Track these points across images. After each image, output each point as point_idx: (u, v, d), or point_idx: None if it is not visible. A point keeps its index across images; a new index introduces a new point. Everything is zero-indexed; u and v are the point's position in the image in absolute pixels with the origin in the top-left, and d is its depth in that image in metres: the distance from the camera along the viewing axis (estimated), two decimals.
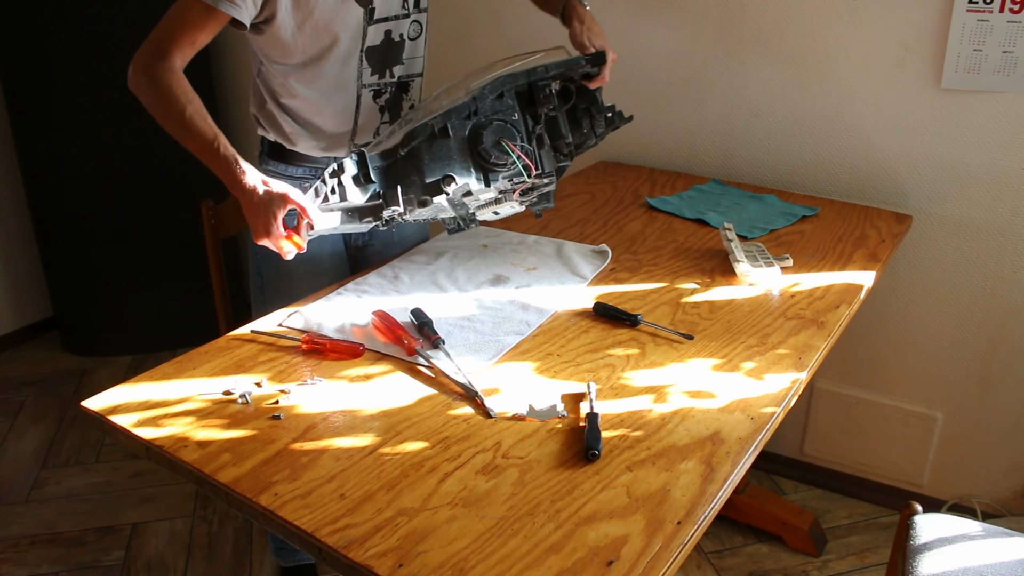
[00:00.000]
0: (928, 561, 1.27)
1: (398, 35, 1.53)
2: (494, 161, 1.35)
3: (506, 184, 1.39)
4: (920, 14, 1.79)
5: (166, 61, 1.31)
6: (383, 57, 1.53)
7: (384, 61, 1.53)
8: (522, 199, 1.45)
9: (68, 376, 2.88)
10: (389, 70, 1.55)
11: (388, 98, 1.58)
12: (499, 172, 1.37)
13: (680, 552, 0.85)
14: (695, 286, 1.46)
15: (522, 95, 1.40)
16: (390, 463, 0.98)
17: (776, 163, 2.06)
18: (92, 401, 1.12)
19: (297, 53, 1.45)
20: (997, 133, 1.79)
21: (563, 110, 1.45)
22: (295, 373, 1.18)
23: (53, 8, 2.51)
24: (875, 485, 2.18)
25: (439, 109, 1.36)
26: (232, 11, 1.31)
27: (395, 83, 1.57)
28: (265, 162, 1.61)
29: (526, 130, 1.40)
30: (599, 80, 1.47)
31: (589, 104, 1.49)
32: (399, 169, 1.34)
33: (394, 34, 1.52)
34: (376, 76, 1.54)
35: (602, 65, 1.46)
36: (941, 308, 1.98)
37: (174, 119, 1.30)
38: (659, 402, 1.11)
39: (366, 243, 1.70)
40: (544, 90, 1.38)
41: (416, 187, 1.34)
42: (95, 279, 2.88)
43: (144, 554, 2.06)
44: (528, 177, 1.38)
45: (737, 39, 2.01)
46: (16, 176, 2.90)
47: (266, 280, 1.61)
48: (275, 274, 1.59)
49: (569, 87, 1.47)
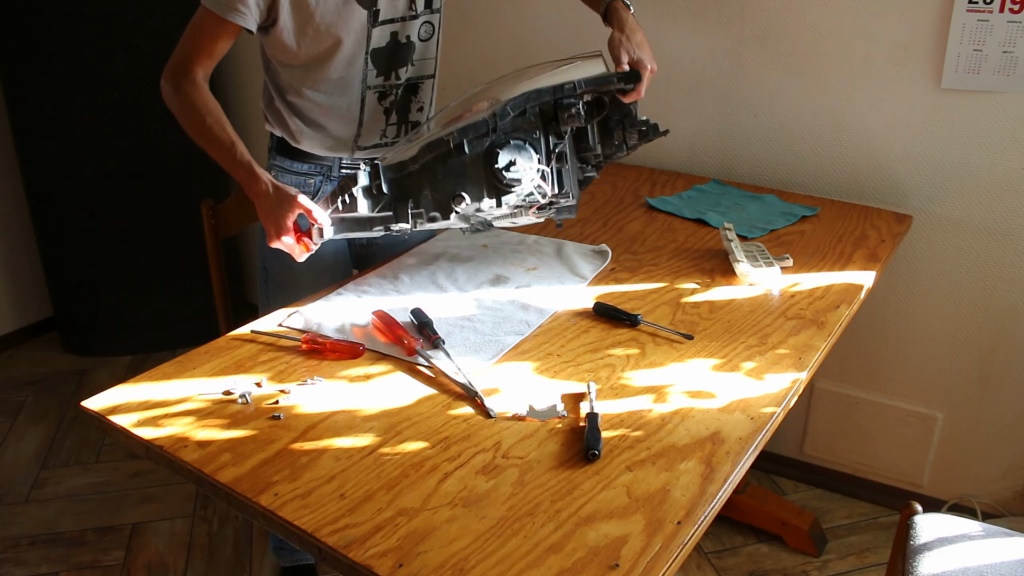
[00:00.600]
0: (928, 561, 1.27)
1: (405, 37, 1.52)
2: (507, 183, 1.33)
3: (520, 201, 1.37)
4: (920, 14, 1.79)
5: (188, 75, 1.39)
6: (389, 59, 1.53)
7: (390, 63, 1.53)
8: (539, 213, 1.42)
9: (68, 376, 2.88)
10: (395, 72, 1.55)
11: (394, 100, 1.58)
12: (511, 193, 1.34)
13: (680, 552, 0.85)
14: (695, 286, 1.46)
15: (546, 111, 1.35)
16: (390, 463, 0.98)
17: (776, 163, 2.06)
18: (92, 401, 1.12)
19: (300, 55, 1.46)
20: (997, 133, 1.79)
21: (595, 121, 1.41)
22: (295, 373, 1.18)
23: (53, 8, 2.51)
24: (875, 485, 2.18)
25: (457, 122, 1.34)
26: (239, 20, 1.36)
27: (402, 85, 1.57)
28: (272, 157, 1.63)
29: (546, 150, 1.35)
30: (634, 95, 1.40)
31: (623, 116, 1.44)
32: (412, 182, 1.33)
33: (401, 36, 1.52)
34: (381, 78, 1.54)
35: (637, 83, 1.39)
36: (941, 308, 1.98)
37: (196, 129, 1.38)
38: (659, 402, 1.11)
39: (371, 241, 1.70)
40: (570, 109, 1.33)
41: (427, 202, 1.33)
42: (95, 279, 2.88)
43: (144, 554, 2.06)
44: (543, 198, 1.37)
45: (737, 39, 2.01)
46: (16, 176, 2.90)
47: (270, 274, 1.64)
48: (279, 269, 1.60)
49: (603, 98, 1.41)
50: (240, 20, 1.36)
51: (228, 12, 1.35)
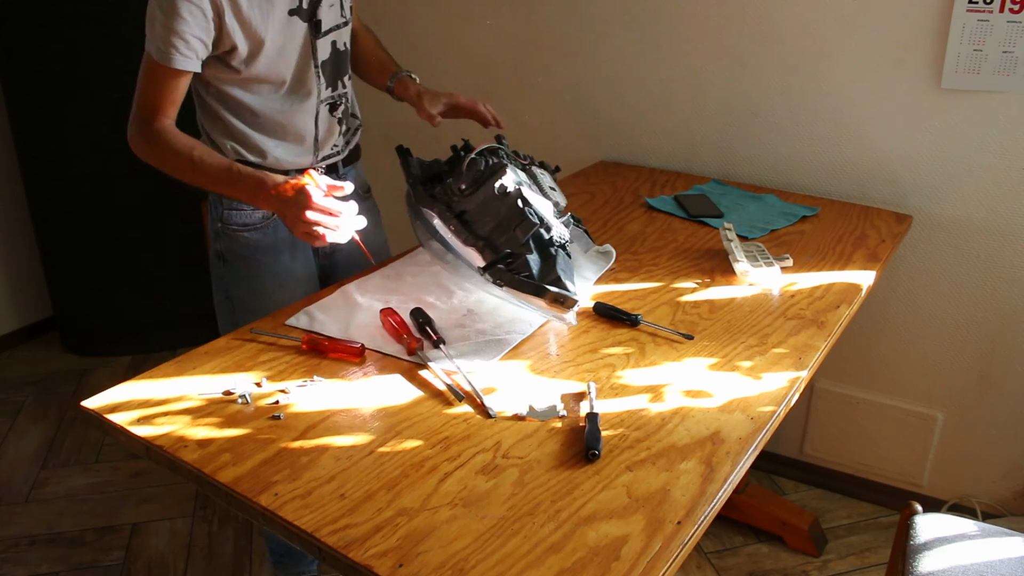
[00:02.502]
0: (928, 561, 1.28)
1: (343, 44, 1.51)
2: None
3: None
4: (920, 14, 1.79)
5: (155, 123, 1.35)
6: (334, 69, 1.50)
7: (335, 73, 1.51)
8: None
9: (68, 376, 2.88)
10: (340, 81, 1.53)
11: (345, 109, 1.56)
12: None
13: (680, 552, 0.85)
14: (695, 286, 1.46)
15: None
16: (390, 463, 0.98)
17: (776, 163, 2.06)
18: (92, 401, 1.12)
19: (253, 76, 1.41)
20: (997, 133, 1.79)
21: None
22: (295, 373, 1.18)
23: (53, 8, 2.51)
24: (875, 485, 2.18)
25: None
26: (183, 64, 1.31)
27: (347, 93, 1.55)
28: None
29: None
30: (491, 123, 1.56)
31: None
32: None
33: (339, 43, 1.50)
34: (330, 89, 1.51)
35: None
36: (941, 308, 1.98)
37: (185, 168, 1.33)
38: (659, 402, 1.11)
39: (334, 249, 1.62)
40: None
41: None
42: (95, 279, 2.88)
43: (144, 554, 2.06)
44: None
45: (737, 39, 2.01)
46: (16, 176, 2.90)
47: (236, 302, 1.56)
48: (245, 293, 1.55)
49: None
50: (184, 64, 1.31)
51: (170, 58, 1.29)
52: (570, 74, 2.26)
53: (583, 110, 2.28)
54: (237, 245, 1.52)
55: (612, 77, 2.21)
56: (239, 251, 1.53)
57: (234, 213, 1.51)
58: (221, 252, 1.54)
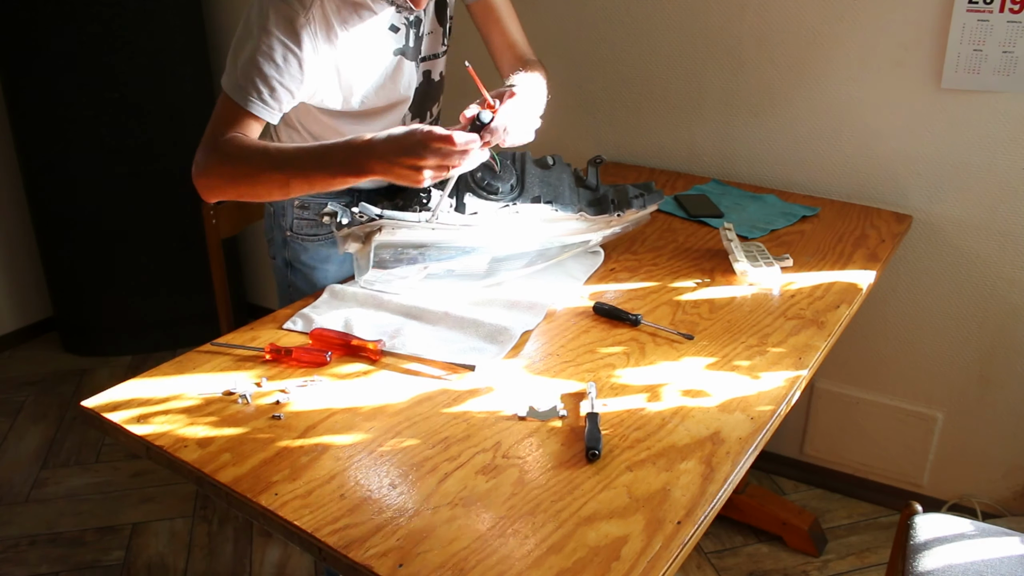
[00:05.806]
0: (928, 561, 1.28)
1: (437, 74, 1.48)
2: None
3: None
4: (920, 14, 1.79)
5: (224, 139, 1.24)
6: (422, 98, 1.46)
7: (423, 103, 1.47)
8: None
9: (68, 376, 2.89)
10: (429, 111, 1.50)
11: None
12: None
13: (680, 552, 0.85)
14: (695, 286, 1.46)
15: None
16: (390, 463, 0.98)
17: (776, 163, 2.06)
18: (92, 401, 1.12)
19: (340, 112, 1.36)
20: (997, 133, 1.79)
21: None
22: (295, 373, 1.18)
23: (53, 8, 2.52)
24: (875, 485, 2.18)
25: None
26: (261, 113, 1.22)
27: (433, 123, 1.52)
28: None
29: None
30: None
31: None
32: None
33: (433, 74, 1.47)
34: (417, 120, 1.47)
35: None
36: (941, 308, 1.98)
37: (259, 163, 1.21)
38: (659, 402, 1.11)
39: None
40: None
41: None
42: (95, 279, 2.88)
43: (144, 554, 2.06)
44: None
45: (737, 39, 2.01)
46: (16, 176, 2.90)
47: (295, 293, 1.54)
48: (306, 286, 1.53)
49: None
50: (261, 113, 1.20)
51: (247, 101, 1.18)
52: (570, 74, 2.26)
53: (583, 110, 2.28)
54: (306, 255, 1.52)
55: (612, 77, 2.21)
56: (308, 260, 1.53)
57: (304, 224, 1.50)
58: (288, 260, 1.54)
